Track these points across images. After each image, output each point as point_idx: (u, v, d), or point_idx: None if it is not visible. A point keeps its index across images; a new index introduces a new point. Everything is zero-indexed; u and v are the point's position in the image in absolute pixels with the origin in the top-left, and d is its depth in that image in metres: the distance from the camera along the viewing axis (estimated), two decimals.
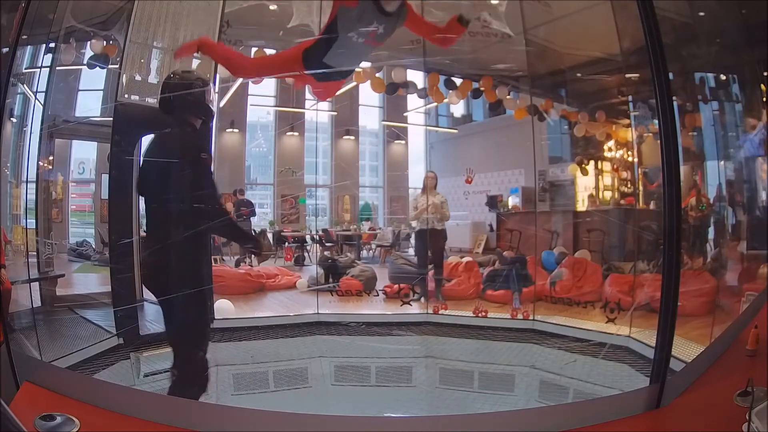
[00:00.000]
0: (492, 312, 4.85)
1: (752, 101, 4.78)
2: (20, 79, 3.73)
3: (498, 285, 5.35)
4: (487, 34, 5.32)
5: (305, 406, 2.77)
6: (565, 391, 3.39)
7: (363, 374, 3.81)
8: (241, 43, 5.16)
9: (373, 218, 9.14)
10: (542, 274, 5.47)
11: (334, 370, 3.90)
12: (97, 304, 4.08)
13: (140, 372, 3.43)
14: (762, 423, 1.63)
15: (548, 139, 6.75)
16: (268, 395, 3.37)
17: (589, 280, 5.26)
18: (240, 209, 6.55)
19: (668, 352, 2.18)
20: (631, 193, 6.76)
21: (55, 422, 1.74)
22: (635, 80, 5.36)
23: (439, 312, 4.92)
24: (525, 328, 4.55)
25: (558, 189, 7.20)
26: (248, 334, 4.35)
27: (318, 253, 7.07)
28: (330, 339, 4.43)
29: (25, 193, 3.69)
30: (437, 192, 5.44)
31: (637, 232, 5.36)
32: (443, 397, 3.42)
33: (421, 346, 4.38)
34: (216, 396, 3.25)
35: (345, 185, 8.92)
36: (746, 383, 1.69)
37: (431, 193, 5.38)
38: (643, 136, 5.75)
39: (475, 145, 8.68)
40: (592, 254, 5.76)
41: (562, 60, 5.96)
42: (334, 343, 4.40)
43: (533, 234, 6.10)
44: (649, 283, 4.34)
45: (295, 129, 8.38)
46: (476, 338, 4.42)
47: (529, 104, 5.84)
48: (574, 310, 4.92)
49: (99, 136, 4.50)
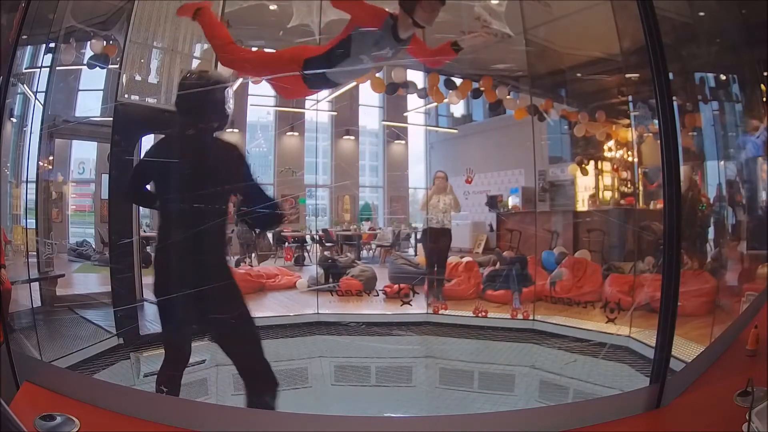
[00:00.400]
0: (492, 312, 4.85)
1: (752, 101, 4.78)
2: (20, 79, 3.73)
3: (498, 285, 5.35)
4: (487, 34, 5.31)
5: (305, 406, 2.77)
6: (565, 391, 3.39)
7: (363, 374, 3.81)
8: (241, 43, 5.15)
9: (373, 218, 9.13)
10: (542, 274, 5.47)
11: (334, 370, 3.90)
12: (97, 304, 4.08)
13: (140, 372, 3.43)
14: (762, 423, 1.63)
15: (548, 139, 6.74)
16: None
17: (589, 280, 5.26)
18: (240, 209, 6.54)
19: (668, 352, 2.18)
20: (631, 193, 6.76)
21: (55, 422, 1.74)
22: (635, 80, 5.36)
23: (439, 312, 4.92)
24: (525, 328, 4.56)
25: (558, 189, 7.19)
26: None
27: (318, 253, 7.07)
28: (330, 339, 4.43)
29: (25, 193, 3.70)
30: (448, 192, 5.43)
31: (637, 232, 5.36)
32: (443, 397, 3.42)
33: (421, 346, 4.38)
34: (216, 396, 3.25)
35: (345, 185, 8.91)
36: (746, 383, 1.69)
37: (444, 192, 5.36)
38: (643, 136, 5.75)
39: (475, 145, 8.68)
40: (592, 254, 5.76)
41: (562, 60, 5.96)
42: (334, 343, 4.41)
43: (533, 234, 6.10)
44: (649, 283, 4.34)
45: (295, 129, 8.38)
46: (476, 338, 4.43)
47: (529, 104, 5.84)
48: (574, 310, 4.92)
49: (99, 136, 4.50)
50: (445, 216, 5.31)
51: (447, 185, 5.45)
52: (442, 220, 5.30)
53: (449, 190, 5.40)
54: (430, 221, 5.35)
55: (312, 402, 3.29)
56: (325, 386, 3.57)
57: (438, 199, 5.31)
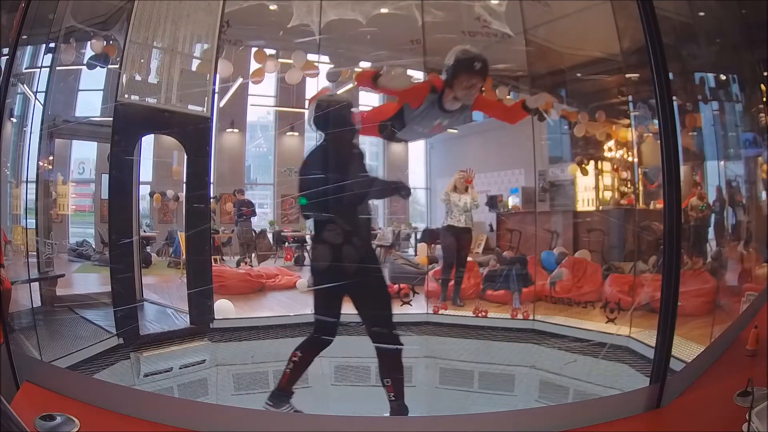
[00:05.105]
0: (492, 312, 4.85)
1: (752, 101, 4.78)
2: (20, 79, 3.73)
3: (498, 285, 5.34)
4: (487, 34, 5.31)
5: (305, 406, 2.77)
6: (565, 391, 3.39)
7: (363, 374, 3.81)
8: (241, 43, 5.16)
9: (373, 218, 9.12)
10: (542, 274, 5.47)
11: (334, 370, 3.89)
12: (97, 304, 4.08)
13: (140, 372, 3.43)
14: (762, 423, 1.63)
15: (548, 139, 6.74)
16: (268, 395, 3.36)
17: (589, 280, 5.26)
18: (240, 209, 6.54)
19: (668, 352, 2.19)
20: (631, 193, 6.76)
21: (55, 422, 1.74)
22: (635, 80, 5.36)
23: (439, 312, 4.92)
24: (525, 328, 4.55)
25: (558, 189, 7.19)
26: (248, 334, 4.35)
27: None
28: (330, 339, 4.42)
29: (25, 193, 3.70)
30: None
31: (637, 232, 5.36)
32: (443, 397, 3.42)
33: (421, 346, 4.37)
34: (216, 396, 3.26)
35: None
36: (746, 383, 1.69)
37: (464, 192, 5.32)
38: (643, 136, 5.75)
39: (475, 145, 8.67)
40: (592, 254, 5.76)
41: (562, 60, 5.96)
42: (334, 343, 4.39)
43: (533, 234, 6.10)
44: (649, 283, 4.34)
45: (295, 129, 8.36)
46: (476, 338, 4.42)
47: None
48: (574, 310, 4.91)
49: (99, 136, 4.50)
50: (467, 215, 5.28)
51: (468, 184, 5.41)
52: (465, 220, 5.28)
53: (470, 189, 5.37)
54: (451, 219, 5.31)
55: (312, 402, 3.29)
56: (325, 386, 3.57)
57: (459, 198, 5.29)
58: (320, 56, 5.28)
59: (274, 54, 5.24)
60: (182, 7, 4.16)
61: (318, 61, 5.23)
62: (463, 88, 2.40)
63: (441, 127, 2.57)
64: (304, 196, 2.56)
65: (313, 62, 5.13)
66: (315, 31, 4.67)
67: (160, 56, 4.14)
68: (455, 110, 2.52)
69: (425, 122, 2.56)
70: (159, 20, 4.04)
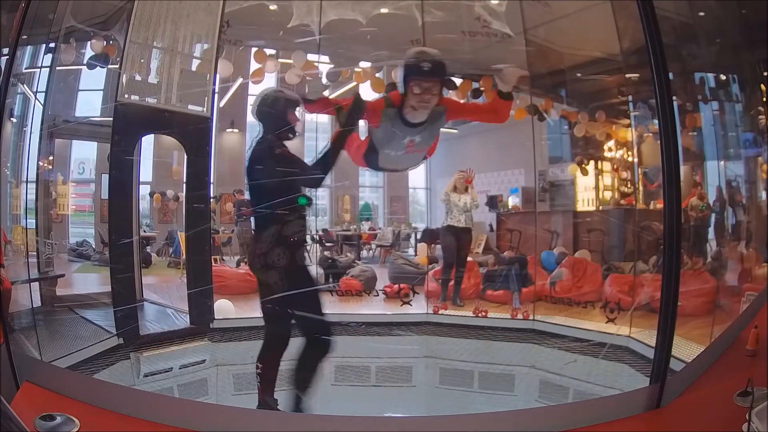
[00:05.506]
0: (492, 312, 4.85)
1: (752, 101, 4.78)
2: (20, 79, 3.73)
3: (498, 285, 5.34)
4: (487, 34, 5.32)
5: (305, 406, 2.77)
6: (565, 391, 3.39)
7: (363, 374, 3.81)
8: (241, 43, 5.16)
9: (373, 218, 9.13)
10: (542, 274, 5.47)
11: (334, 370, 3.90)
12: (97, 304, 4.08)
13: (140, 372, 3.43)
14: (762, 423, 1.63)
15: (548, 139, 6.74)
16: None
17: (589, 280, 5.26)
18: (240, 209, 6.55)
19: (668, 352, 2.18)
20: (631, 193, 6.76)
21: (55, 422, 1.73)
22: (635, 80, 5.36)
23: (439, 312, 4.92)
24: (525, 328, 4.55)
25: (558, 189, 7.19)
26: (248, 334, 4.34)
27: (318, 254, 7.06)
28: (330, 339, 4.42)
29: (25, 193, 3.70)
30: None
31: (637, 232, 5.36)
32: (443, 397, 3.42)
33: (421, 346, 4.37)
34: (216, 396, 3.26)
35: (345, 185, 8.91)
36: (746, 383, 1.69)
37: (464, 192, 5.32)
38: (643, 136, 5.75)
39: (475, 145, 8.67)
40: (592, 254, 5.76)
41: (562, 60, 5.96)
42: (334, 343, 4.39)
43: (533, 234, 6.10)
44: (649, 283, 4.34)
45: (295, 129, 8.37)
46: (476, 338, 4.42)
47: (529, 104, 5.84)
48: (574, 310, 4.91)
49: (99, 136, 4.51)
50: (467, 215, 5.28)
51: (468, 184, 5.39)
52: (465, 220, 5.27)
53: (470, 189, 5.36)
54: (451, 220, 5.30)
55: (312, 402, 3.29)
56: (325, 386, 3.57)
57: (459, 198, 5.28)
58: (320, 56, 5.28)
59: (274, 54, 5.24)
60: (182, 7, 4.16)
61: (318, 61, 5.23)
62: (415, 95, 2.14)
63: (414, 145, 2.28)
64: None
65: (313, 62, 5.14)
66: (315, 31, 4.67)
67: (160, 56, 4.14)
68: (421, 123, 2.23)
69: (394, 143, 2.29)
70: (159, 20, 4.04)
